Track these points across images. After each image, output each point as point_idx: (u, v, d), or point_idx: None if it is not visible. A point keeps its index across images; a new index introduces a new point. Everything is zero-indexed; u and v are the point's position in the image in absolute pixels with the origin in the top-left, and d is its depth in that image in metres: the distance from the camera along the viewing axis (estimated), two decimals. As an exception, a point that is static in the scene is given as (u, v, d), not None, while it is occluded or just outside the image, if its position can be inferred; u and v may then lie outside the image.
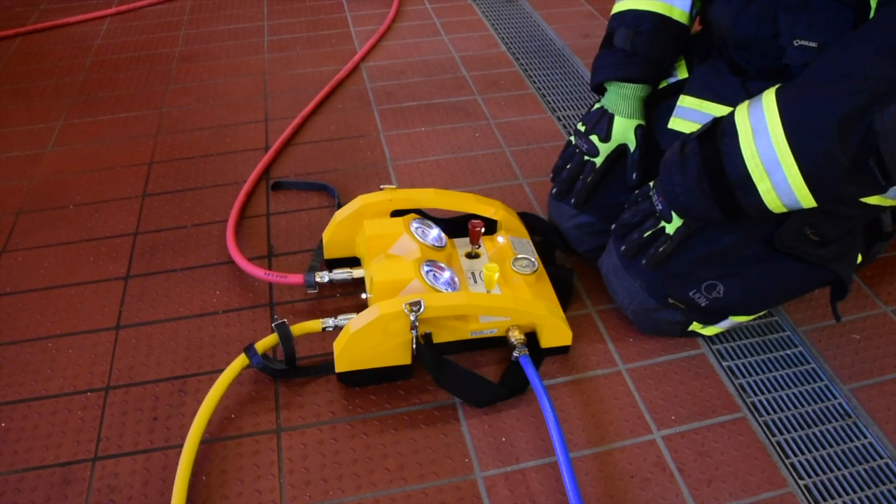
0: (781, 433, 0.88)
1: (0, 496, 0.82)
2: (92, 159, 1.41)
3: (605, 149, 1.03)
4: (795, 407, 0.91)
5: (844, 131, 0.71)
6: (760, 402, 0.92)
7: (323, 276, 1.04)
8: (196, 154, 1.42)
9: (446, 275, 0.96)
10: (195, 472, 0.83)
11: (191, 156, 1.41)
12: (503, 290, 0.98)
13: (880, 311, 1.05)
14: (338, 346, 0.90)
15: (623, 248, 0.93)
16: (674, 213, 0.87)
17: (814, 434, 0.88)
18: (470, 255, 1.05)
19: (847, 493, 0.82)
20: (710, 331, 0.98)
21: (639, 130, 1.02)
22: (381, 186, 1.09)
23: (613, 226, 0.96)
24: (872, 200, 0.83)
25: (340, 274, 1.04)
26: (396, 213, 1.08)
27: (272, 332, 0.96)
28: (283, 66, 1.73)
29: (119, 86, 1.67)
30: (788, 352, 0.99)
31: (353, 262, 1.09)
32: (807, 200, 0.77)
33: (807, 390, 0.94)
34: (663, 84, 1.04)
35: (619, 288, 0.97)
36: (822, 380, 0.95)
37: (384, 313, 0.86)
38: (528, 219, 1.13)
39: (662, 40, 1.01)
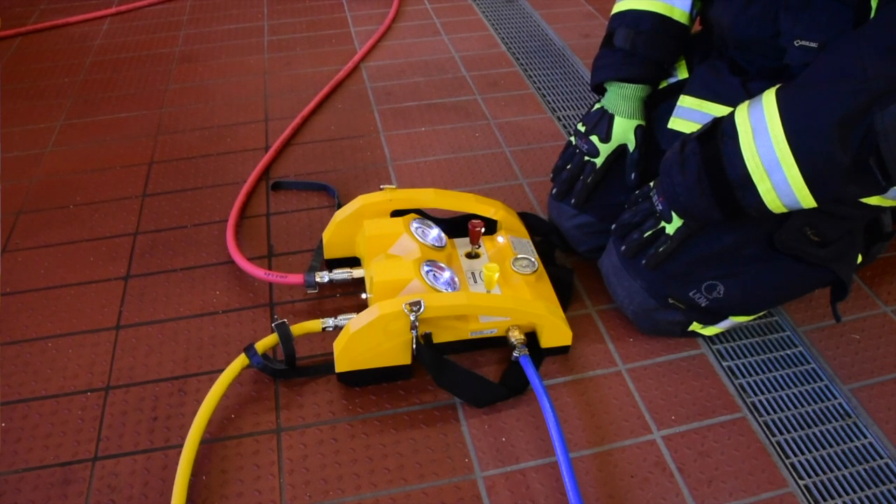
0: (781, 433, 0.88)
1: (0, 496, 0.82)
2: (92, 159, 1.41)
3: (605, 149, 1.03)
4: (795, 407, 0.91)
5: (845, 131, 0.71)
6: (760, 402, 0.92)
7: (323, 276, 1.04)
8: (196, 154, 1.42)
9: (446, 275, 0.96)
10: (195, 472, 0.83)
11: (191, 156, 1.41)
12: (503, 290, 0.98)
13: (880, 311, 1.05)
14: (338, 346, 0.90)
15: (623, 248, 0.93)
16: (674, 214, 0.87)
17: (814, 434, 0.88)
18: (470, 255, 1.05)
19: (847, 493, 0.82)
20: (710, 331, 0.98)
21: (639, 131, 1.02)
22: (381, 186, 1.09)
23: (613, 226, 0.96)
24: (872, 201, 0.83)
25: (340, 274, 1.04)
26: (396, 213, 1.08)
27: (272, 332, 0.96)
28: (283, 66, 1.73)
29: (119, 86, 1.67)
30: (788, 352, 0.99)
31: (353, 262, 1.09)
32: (807, 201, 0.77)
33: (807, 390, 0.94)
34: (663, 84, 1.04)
35: (619, 288, 0.97)
36: (822, 380, 0.95)
37: (384, 313, 0.86)
38: (528, 219, 1.13)
39: (662, 40, 1.01)
